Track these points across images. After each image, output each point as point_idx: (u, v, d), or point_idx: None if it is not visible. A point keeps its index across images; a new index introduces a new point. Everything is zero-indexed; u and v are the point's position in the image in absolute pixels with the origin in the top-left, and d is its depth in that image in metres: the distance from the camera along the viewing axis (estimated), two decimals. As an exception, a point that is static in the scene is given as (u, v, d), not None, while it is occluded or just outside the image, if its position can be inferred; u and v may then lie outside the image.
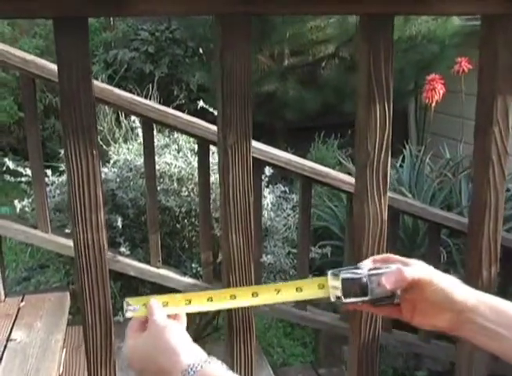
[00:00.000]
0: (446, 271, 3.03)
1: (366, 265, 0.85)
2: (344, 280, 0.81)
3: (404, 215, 2.96)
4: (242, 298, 0.85)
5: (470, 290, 0.86)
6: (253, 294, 0.85)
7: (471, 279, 1.28)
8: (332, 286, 0.83)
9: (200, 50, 5.81)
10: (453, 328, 0.85)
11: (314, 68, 5.79)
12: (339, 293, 0.81)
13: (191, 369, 0.72)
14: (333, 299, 0.84)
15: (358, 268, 0.84)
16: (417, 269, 0.84)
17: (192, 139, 2.81)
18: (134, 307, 0.89)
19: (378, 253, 1.12)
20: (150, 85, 4.78)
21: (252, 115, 0.94)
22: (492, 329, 0.82)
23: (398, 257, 0.88)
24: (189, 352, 0.75)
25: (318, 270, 3.25)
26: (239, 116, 0.92)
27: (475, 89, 1.12)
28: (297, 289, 0.84)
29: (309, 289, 0.84)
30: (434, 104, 3.53)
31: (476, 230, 1.20)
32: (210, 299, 0.85)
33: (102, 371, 1.00)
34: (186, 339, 0.79)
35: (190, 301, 0.84)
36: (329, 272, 0.84)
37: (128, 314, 0.92)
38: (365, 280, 0.81)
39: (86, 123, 0.87)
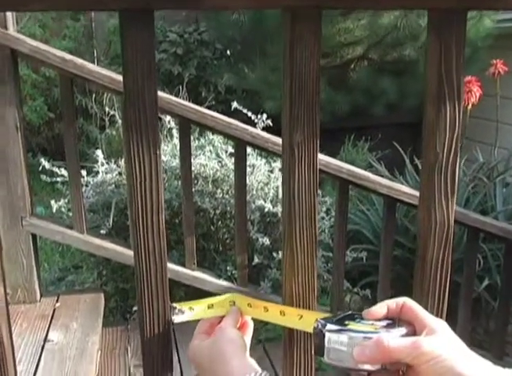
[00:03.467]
0: (481, 278, 2.93)
1: (378, 313, 0.67)
2: (314, 329, 0.66)
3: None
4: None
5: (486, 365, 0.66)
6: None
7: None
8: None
9: (228, 52, 5.79)
10: None
11: (343, 70, 5.74)
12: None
13: None
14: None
15: (357, 317, 0.67)
16: (420, 347, 0.61)
17: (223, 140, 2.78)
18: (181, 311, 0.88)
19: (443, 262, 1.07)
20: (180, 87, 4.78)
21: (319, 113, 0.90)
22: None
23: (417, 310, 0.67)
24: (243, 367, 0.75)
25: (349, 273, 3.20)
26: (307, 113, 0.89)
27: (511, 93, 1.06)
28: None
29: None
30: (470, 107, 3.45)
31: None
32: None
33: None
34: (244, 354, 0.78)
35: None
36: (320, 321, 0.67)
37: (177, 319, 0.90)
38: (321, 336, 0.63)
39: (150, 122, 0.84)
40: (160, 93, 2.35)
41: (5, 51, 2.13)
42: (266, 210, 2.50)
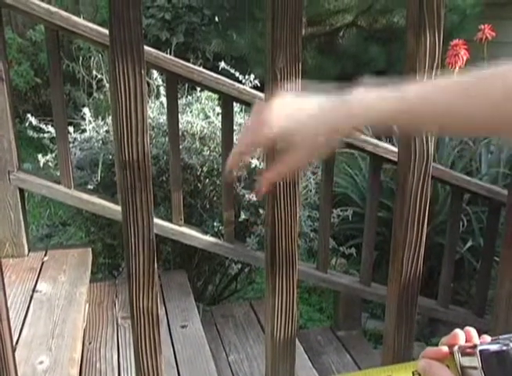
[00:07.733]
0: (465, 240, 2.96)
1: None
2: (483, 354, 0.55)
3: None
4: None
5: None
6: None
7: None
8: (462, 365, 0.57)
9: (216, 18, 5.75)
10: None
11: (332, 38, 5.74)
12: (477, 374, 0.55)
13: None
14: None
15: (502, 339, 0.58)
16: None
17: (210, 98, 2.78)
18: None
19: (423, 191, 1.10)
20: (167, 53, 4.75)
21: (302, 37, 0.92)
22: None
23: None
24: None
25: (336, 237, 3.23)
26: (290, 37, 0.90)
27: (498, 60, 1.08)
28: None
29: None
30: (457, 70, 3.46)
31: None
32: None
33: (145, 302, 0.99)
34: None
35: None
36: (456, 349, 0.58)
37: None
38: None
39: (135, 40, 0.85)
40: (147, 48, 2.35)
41: (-13, 0, 2.11)
42: (253, 166, 2.51)
